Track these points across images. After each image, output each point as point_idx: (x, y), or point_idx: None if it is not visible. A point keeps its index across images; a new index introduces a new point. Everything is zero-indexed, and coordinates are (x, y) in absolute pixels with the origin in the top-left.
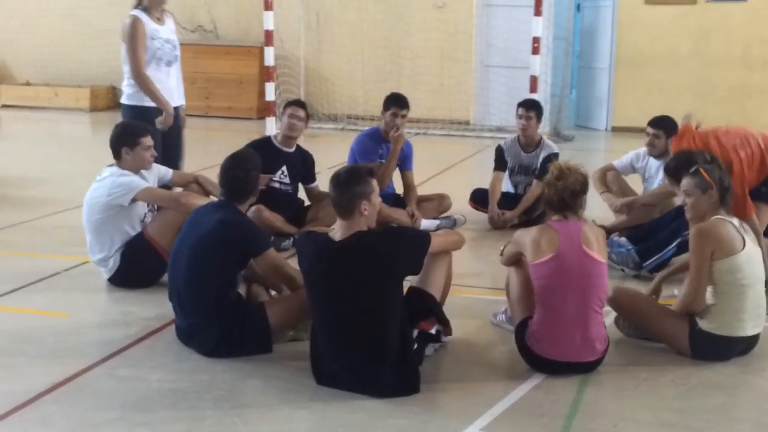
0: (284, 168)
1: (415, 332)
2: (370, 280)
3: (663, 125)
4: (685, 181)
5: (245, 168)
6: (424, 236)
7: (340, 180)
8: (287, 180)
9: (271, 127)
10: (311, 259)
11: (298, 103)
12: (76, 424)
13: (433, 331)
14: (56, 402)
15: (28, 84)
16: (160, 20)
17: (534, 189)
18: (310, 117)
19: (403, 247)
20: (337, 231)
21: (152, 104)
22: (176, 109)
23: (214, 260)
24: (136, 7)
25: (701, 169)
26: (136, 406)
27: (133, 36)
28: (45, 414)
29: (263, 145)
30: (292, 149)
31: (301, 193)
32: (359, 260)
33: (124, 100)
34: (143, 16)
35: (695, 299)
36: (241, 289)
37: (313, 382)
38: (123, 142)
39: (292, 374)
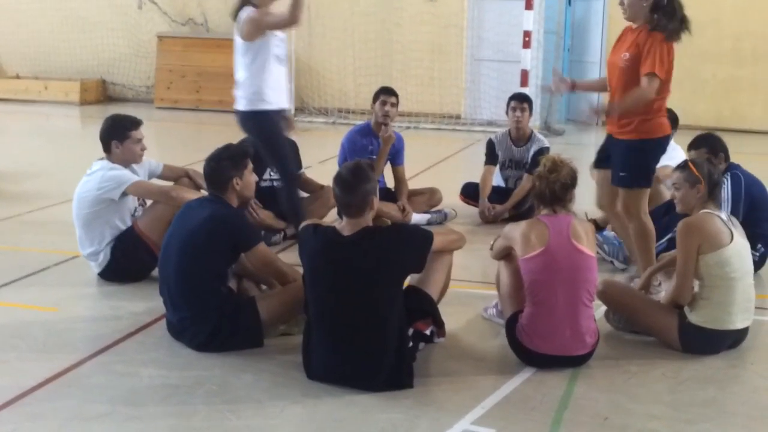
0: None
1: (411, 331)
2: (376, 276)
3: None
4: (675, 175)
5: (216, 159)
6: (429, 234)
7: (351, 182)
8: (276, 175)
9: None
10: (317, 251)
11: None
12: (66, 418)
13: (427, 332)
14: (47, 397)
15: (17, 77)
16: None
17: (524, 183)
18: (302, 111)
19: (409, 244)
20: (345, 226)
21: (271, 107)
22: (286, 111)
23: (205, 254)
24: (244, 5)
25: (690, 163)
26: (126, 400)
27: (260, 20)
28: (36, 409)
29: None
30: None
31: None
32: (367, 255)
33: (241, 107)
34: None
35: (681, 292)
36: (232, 284)
37: (304, 376)
38: (112, 136)
39: (283, 369)
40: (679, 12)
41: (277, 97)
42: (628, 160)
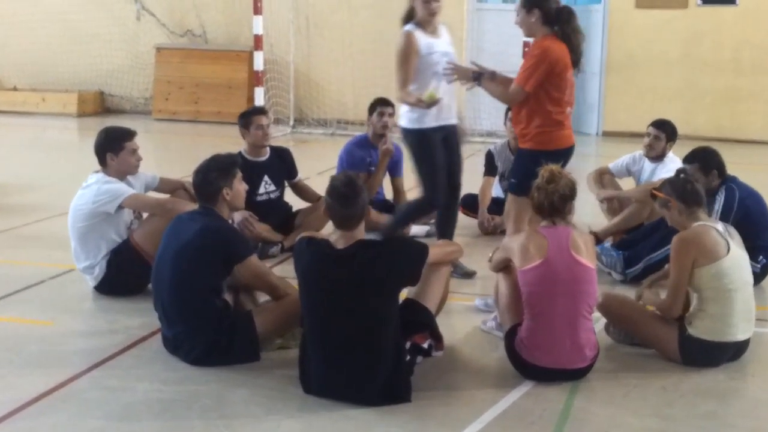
0: (266, 177)
1: (408, 344)
2: (371, 289)
3: (665, 128)
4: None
5: (204, 170)
6: (423, 247)
7: (349, 195)
8: (272, 187)
9: None
10: (311, 265)
11: (260, 111)
12: None
13: (425, 345)
14: (42, 412)
15: (15, 89)
16: (435, 33)
17: None
18: (300, 122)
19: (403, 256)
20: (339, 239)
21: (428, 126)
22: (453, 127)
23: (198, 268)
24: (408, 22)
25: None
26: (122, 415)
27: (401, 53)
28: (30, 424)
29: None
30: (267, 156)
31: (288, 197)
32: (361, 269)
33: (402, 123)
34: (417, 32)
35: (672, 306)
36: (228, 298)
37: (300, 391)
38: (107, 148)
39: (279, 383)
40: (574, 22)
41: (437, 115)
42: (521, 168)
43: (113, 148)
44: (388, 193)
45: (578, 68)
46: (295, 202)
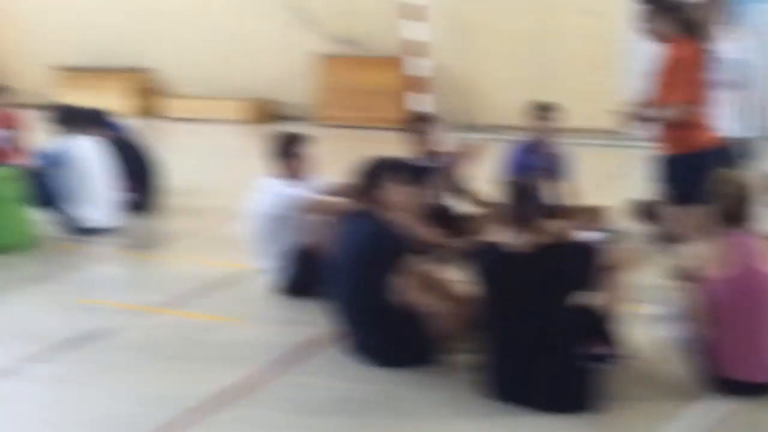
0: (433, 183)
1: (587, 351)
2: (548, 293)
3: None
4: None
5: (366, 172)
6: (601, 253)
7: (527, 194)
8: (440, 192)
9: None
10: (491, 268)
11: (427, 118)
12: (249, 429)
13: (604, 353)
14: (232, 407)
15: (187, 97)
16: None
17: None
18: (463, 127)
19: (581, 261)
20: (517, 242)
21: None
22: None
23: (368, 270)
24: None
25: None
26: (312, 411)
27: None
28: (220, 418)
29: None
30: (435, 162)
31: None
32: (542, 272)
33: None
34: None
35: None
36: (410, 297)
37: (479, 395)
38: (282, 153)
39: (459, 387)
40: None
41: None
42: (673, 177)
43: (288, 153)
44: (556, 199)
45: (710, 44)
46: (461, 207)
